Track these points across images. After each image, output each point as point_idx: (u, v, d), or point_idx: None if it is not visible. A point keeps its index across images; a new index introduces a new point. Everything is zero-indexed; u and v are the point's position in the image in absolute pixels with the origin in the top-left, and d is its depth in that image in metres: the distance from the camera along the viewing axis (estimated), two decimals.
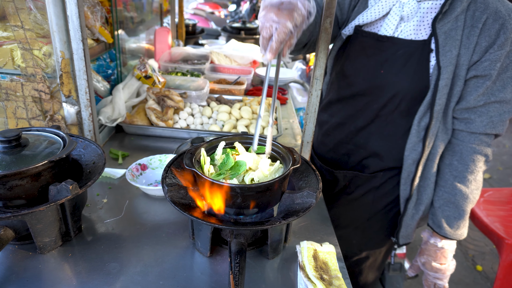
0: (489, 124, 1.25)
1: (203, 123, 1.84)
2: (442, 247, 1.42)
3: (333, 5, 1.14)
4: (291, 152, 1.02)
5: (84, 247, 1.02)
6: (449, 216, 1.36)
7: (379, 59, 1.29)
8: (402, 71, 1.26)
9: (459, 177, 1.32)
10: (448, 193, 1.34)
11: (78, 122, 1.38)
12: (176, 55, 2.72)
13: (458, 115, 1.28)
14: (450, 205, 1.35)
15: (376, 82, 1.32)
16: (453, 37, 1.18)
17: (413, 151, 1.32)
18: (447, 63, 1.18)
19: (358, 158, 1.46)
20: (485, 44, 1.16)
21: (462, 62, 1.19)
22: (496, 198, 2.58)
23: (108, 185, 1.32)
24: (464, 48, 1.18)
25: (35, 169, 0.90)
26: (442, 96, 1.22)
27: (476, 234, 3.28)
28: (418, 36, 1.25)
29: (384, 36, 1.28)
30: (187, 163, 0.94)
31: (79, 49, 1.25)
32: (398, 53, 1.26)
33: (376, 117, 1.36)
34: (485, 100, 1.22)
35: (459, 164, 1.31)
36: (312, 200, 0.94)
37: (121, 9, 1.98)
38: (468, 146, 1.29)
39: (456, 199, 1.33)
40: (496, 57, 1.16)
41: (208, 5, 8.72)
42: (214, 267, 0.99)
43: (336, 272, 0.95)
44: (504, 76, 1.20)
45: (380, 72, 1.30)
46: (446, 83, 1.20)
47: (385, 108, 1.33)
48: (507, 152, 4.88)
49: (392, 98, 1.30)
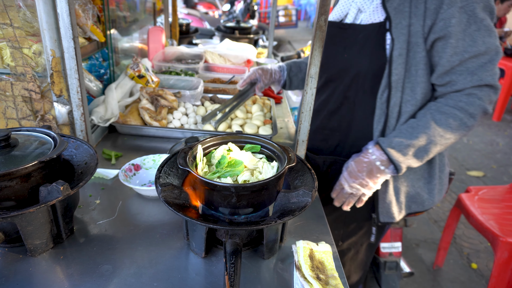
0: (474, 77, 1.25)
1: (197, 123, 1.83)
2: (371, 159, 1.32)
3: (328, 3, 1.14)
4: (286, 150, 1.00)
5: (76, 249, 1.00)
6: (400, 136, 1.30)
7: (343, 45, 1.43)
8: (362, 52, 1.38)
9: (433, 110, 1.30)
10: (415, 119, 1.32)
11: (70, 122, 1.36)
12: (170, 55, 2.69)
13: (440, 82, 1.30)
14: (409, 128, 1.31)
15: (342, 67, 1.44)
16: (401, 10, 1.28)
17: (379, 124, 1.39)
18: (398, 33, 1.28)
19: (335, 142, 1.54)
20: (433, 7, 1.23)
21: (416, 30, 1.27)
22: (490, 196, 2.59)
23: (101, 185, 1.30)
24: (415, 16, 1.26)
25: (24, 170, 0.88)
26: (399, 66, 1.29)
27: (470, 232, 3.30)
28: (375, 20, 1.36)
29: (346, 24, 1.44)
30: (181, 163, 0.92)
31: (70, 47, 1.22)
32: (359, 37, 1.39)
33: (344, 99, 1.46)
34: (460, 58, 1.24)
35: (441, 102, 1.30)
36: (307, 199, 0.93)
37: (114, 8, 1.96)
38: (455, 95, 1.28)
39: (417, 124, 1.29)
40: (448, 15, 1.21)
41: (202, 4, 8.70)
42: (209, 268, 0.97)
43: (332, 271, 0.94)
44: (470, 31, 1.22)
45: (344, 56, 1.43)
46: (400, 52, 1.28)
47: (350, 89, 1.44)
48: (500, 150, 4.92)
49: (355, 78, 1.41)
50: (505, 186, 2.74)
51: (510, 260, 2.14)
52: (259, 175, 0.97)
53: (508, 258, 2.14)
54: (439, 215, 3.56)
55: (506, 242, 2.12)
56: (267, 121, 1.83)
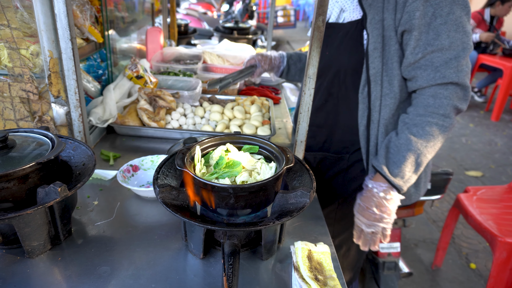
0: (437, 74, 1.24)
1: (196, 123, 1.83)
2: (376, 193, 1.34)
3: (326, 3, 1.14)
4: (284, 151, 1.00)
5: (74, 251, 1.00)
6: (390, 158, 1.32)
7: (325, 43, 1.45)
8: (341, 48, 1.43)
9: (409, 124, 1.30)
10: (396, 136, 1.33)
11: (68, 123, 1.36)
12: (168, 55, 2.69)
13: (407, 75, 1.32)
14: (394, 148, 1.32)
15: (324, 64, 1.47)
16: (375, 6, 1.32)
17: (363, 118, 1.41)
18: (372, 28, 1.31)
19: (322, 138, 1.57)
20: (402, 0, 1.25)
21: (388, 24, 1.29)
22: (488, 196, 2.60)
23: (99, 186, 1.30)
24: (387, 11, 1.29)
25: (22, 171, 0.87)
26: (375, 60, 1.32)
27: (469, 232, 3.30)
28: (354, 18, 1.41)
29: (329, 23, 1.49)
30: (179, 164, 0.92)
31: (68, 48, 1.22)
32: (339, 34, 1.44)
33: (328, 96, 1.50)
34: (422, 51, 1.25)
35: (412, 113, 1.31)
36: (306, 200, 0.92)
37: (112, 9, 1.95)
38: (422, 98, 1.29)
39: (399, 142, 1.30)
40: (412, 8, 1.23)
41: (200, 5, 8.69)
42: (207, 269, 0.97)
43: (331, 272, 0.94)
44: (435, 24, 1.22)
45: (326, 54, 1.47)
46: (375, 46, 1.31)
47: (333, 85, 1.48)
48: (499, 150, 4.93)
49: (337, 74, 1.46)
50: (503, 186, 2.74)
51: (508, 260, 2.15)
52: (257, 176, 0.97)
53: (507, 258, 2.14)
54: (437, 215, 3.57)
55: (505, 242, 2.13)
56: (265, 121, 1.83)
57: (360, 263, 1.80)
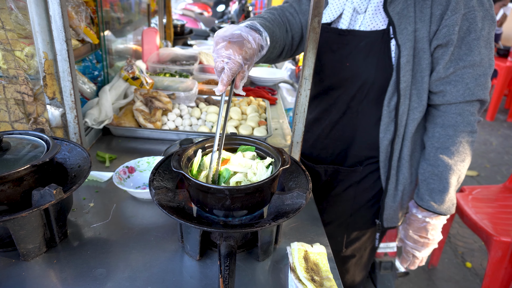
0: (466, 91, 1.24)
1: (192, 124, 1.82)
2: (424, 219, 1.40)
3: (321, 4, 1.14)
4: (280, 152, 1.01)
5: (70, 253, 0.99)
6: (434, 189, 1.35)
7: (343, 53, 1.34)
8: (366, 61, 1.30)
9: (441, 148, 1.31)
10: (431, 165, 1.34)
11: (63, 124, 1.35)
12: (164, 56, 2.69)
13: (434, 89, 1.29)
14: (434, 177, 1.34)
15: (344, 75, 1.36)
16: (406, 15, 1.22)
17: (387, 132, 1.34)
18: (404, 40, 1.22)
19: (336, 151, 1.49)
20: (439, 12, 1.19)
21: (422, 35, 1.22)
22: (484, 196, 2.61)
23: (95, 188, 1.30)
24: (420, 22, 1.21)
25: (17, 174, 0.87)
26: (406, 73, 1.24)
27: (465, 231, 3.32)
28: (377, 26, 1.29)
29: (345, 30, 1.33)
30: (175, 166, 0.92)
31: (63, 50, 1.22)
32: (360, 44, 1.30)
33: (347, 109, 1.40)
34: (454, 66, 1.23)
35: (441, 135, 1.31)
36: (302, 201, 0.93)
37: (108, 10, 1.95)
38: (449, 116, 1.28)
39: (439, 170, 1.32)
40: (452, 22, 1.18)
41: (197, 5, 8.68)
42: (203, 270, 0.97)
43: (327, 273, 0.95)
44: (469, 39, 1.20)
45: (346, 65, 1.34)
46: (407, 59, 1.23)
47: (354, 99, 1.37)
48: (494, 150, 4.96)
49: (360, 89, 1.34)
50: (498, 185, 2.76)
51: (503, 259, 2.16)
52: (253, 177, 0.97)
53: (502, 257, 2.16)
54: None
55: (500, 241, 2.14)
56: (261, 122, 1.83)
57: (369, 266, 1.80)
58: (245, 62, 0.97)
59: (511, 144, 5.19)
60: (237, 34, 0.98)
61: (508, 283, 2.21)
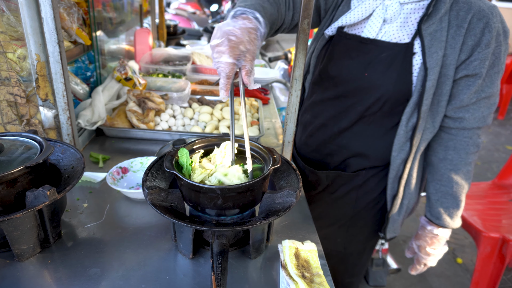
0: (481, 119, 1.30)
1: (185, 125, 1.84)
2: (438, 234, 1.47)
3: (310, 6, 1.16)
4: (271, 152, 1.02)
5: (64, 253, 1.00)
6: (448, 207, 1.41)
7: (362, 61, 1.30)
8: (386, 74, 1.27)
9: (454, 169, 1.36)
10: (445, 186, 1.39)
11: (56, 126, 1.36)
12: (157, 57, 2.69)
13: (453, 115, 1.30)
14: (448, 197, 1.40)
15: (361, 84, 1.32)
16: (438, 38, 1.19)
17: (401, 151, 1.35)
18: (433, 64, 1.20)
19: (341, 158, 1.47)
20: (471, 43, 1.19)
21: (449, 62, 1.21)
22: (473, 192, 2.66)
23: (89, 189, 1.31)
24: (451, 48, 1.20)
25: (10, 175, 0.88)
26: (429, 97, 1.24)
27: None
28: (400, 39, 1.25)
29: (368, 39, 1.29)
30: (167, 166, 0.94)
31: (55, 51, 1.22)
32: (382, 56, 1.27)
33: (360, 118, 1.38)
34: (477, 97, 1.26)
35: (454, 157, 1.35)
36: (292, 200, 0.95)
37: (100, 10, 1.95)
38: (462, 140, 1.33)
39: (453, 190, 1.38)
40: (484, 56, 1.19)
41: (190, 5, 8.66)
42: (196, 268, 0.99)
43: (317, 269, 0.97)
44: (491, 72, 1.23)
45: (364, 75, 1.30)
46: (433, 83, 1.22)
47: (369, 110, 1.35)
48: (484, 147, 5.03)
49: (377, 101, 1.31)
50: (487, 182, 2.81)
51: (492, 254, 2.20)
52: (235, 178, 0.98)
53: (491, 253, 2.20)
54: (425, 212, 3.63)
55: (489, 237, 2.18)
56: (254, 122, 1.85)
57: (365, 268, 1.84)
58: (240, 58, 0.94)
59: (501, 141, 5.27)
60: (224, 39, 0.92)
61: (496, 278, 2.25)
